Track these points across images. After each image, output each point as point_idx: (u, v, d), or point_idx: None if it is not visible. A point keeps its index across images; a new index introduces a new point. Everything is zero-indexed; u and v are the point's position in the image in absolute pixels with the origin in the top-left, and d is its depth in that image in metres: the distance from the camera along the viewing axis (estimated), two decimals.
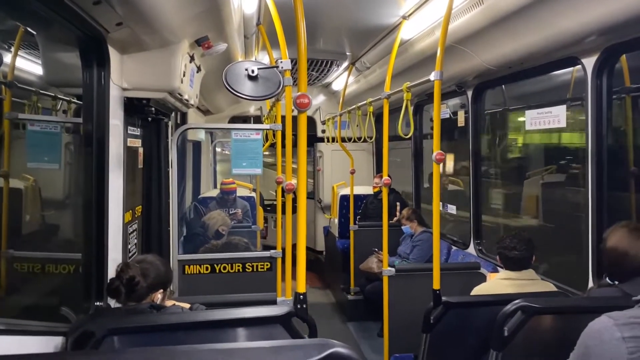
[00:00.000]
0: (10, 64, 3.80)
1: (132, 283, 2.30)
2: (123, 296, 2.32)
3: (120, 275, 2.32)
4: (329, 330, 6.07)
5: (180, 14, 2.69)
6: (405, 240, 5.71)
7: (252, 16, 3.95)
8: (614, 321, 1.66)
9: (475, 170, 4.96)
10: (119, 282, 2.31)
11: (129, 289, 2.31)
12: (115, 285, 2.31)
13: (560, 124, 3.57)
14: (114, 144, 2.85)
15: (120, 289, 2.30)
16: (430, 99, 5.86)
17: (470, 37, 3.73)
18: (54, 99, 4.61)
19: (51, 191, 5.76)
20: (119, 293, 2.32)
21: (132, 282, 2.30)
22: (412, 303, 3.90)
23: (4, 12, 2.76)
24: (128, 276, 2.31)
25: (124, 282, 2.30)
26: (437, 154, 3.15)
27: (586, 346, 1.74)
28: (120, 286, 2.30)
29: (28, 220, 5.24)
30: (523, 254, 3.16)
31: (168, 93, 3.13)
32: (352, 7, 4.27)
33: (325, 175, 9.00)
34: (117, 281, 2.31)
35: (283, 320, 2.06)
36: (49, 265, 3.79)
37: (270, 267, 4.23)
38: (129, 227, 3.28)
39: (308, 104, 2.15)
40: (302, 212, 2.17)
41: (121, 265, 2.39)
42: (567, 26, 2.97)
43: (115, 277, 2.35)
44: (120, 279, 2.31)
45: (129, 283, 2.30)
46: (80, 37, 2.54)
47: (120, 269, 2.36)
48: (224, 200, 6.60)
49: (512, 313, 2.35)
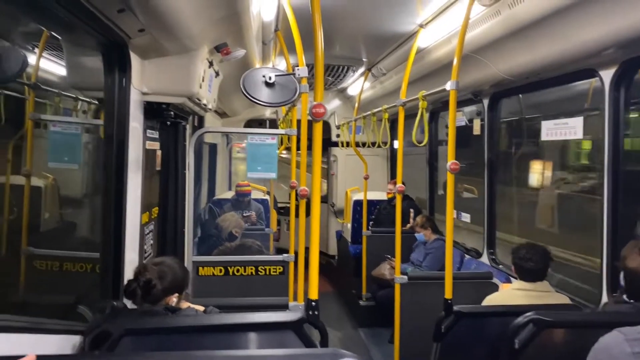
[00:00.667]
0: (35, 66, 3.90)
1: (148, 286, 2.35)
2: (139, 298, 2.37)
3: (138, 278, 2.37)
4: (340, 335, 6.09)
5: (201, 20, 2.74)
6: (418, 247, 5.70)
7: (270, 23, 4.00)
8: (624, 336, 1.66)
9: (490, 179, 4.94)
10: (136, 284, 2.36)
11: (145, 291, 2.35)
12: (133, 287, 2.36)
13: (577, 135, 3.56)
14: (133, 147, 2.91)
15: (137, 291, 2.35)
16: (445, 106, 5.86)
17: (487, 47, 3.73)
18: (75, 100, 4.71)
19: (70, 190, 5.88)
20: (135, 295, 2.37)
21: (148, 285, 2.35)
22: (423, 311, 3.91)
23: (30, 18, 2.84)
24: (145, 279, 2.35)
25: (141, 285, 2.35)
26: (452, 164, 3.16)
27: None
28: (137, 288, 2.35)
29: (47, 218, 5.35)
30: (539, 266, 3.14)
31: (187, 98, 3.18)
32: (369, 14, 4.30)
33: (339, 180, 9.02)
34: (135, 283, 2.36)
35: (295, 326, 2.08)
36: (67, 263, 3.87)
37: (283, 271, 4.26)
38: (146, 228, 3.34)
39: (323, 114, 2.18)
40: (316, 219, 2.20)
41: (139, 267, 2.44)
42: (585, 38, 2.96)
43: (132, 279, 2.39)
44: (138, 281, 2.36)
45: (146, 286, 2.35)
46: (103, 42, 2.60)
47: (138, 271, 2.41)
48: (238, 203, 6.66)
49: (524, 325, 2.35)
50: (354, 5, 4.07)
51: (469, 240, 5.63)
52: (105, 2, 2.12)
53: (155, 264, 2.45)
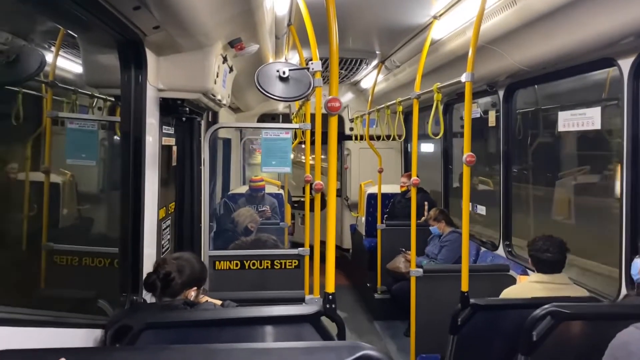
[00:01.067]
0: (52, 64, 3.95)
1: (168, 278, 2.39)
2: (159, 290, 2.41)
3: (158, 270, 2.41)
4: (356, 328, 6.11)
5: (215, 17, 2.75)
6: (433, 240, 5.69)
7: (283, 17, 4.00)
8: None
9: (505, 171, 4.91)
10: (155, 276, 2.40)
11: (164, 284, 2.39)
12: (152, 279, 2.40)
13: (595, 126, 3.51)
14: (150, 143, 2.94)
15: (157, 284, 2.39)
16: (460, 98, 5.81)
17: (503, 38, 3.69)
18: (91, 97, 4.76)
19: (87, 186, 5.95)
20: (155, 287, 2.41)
21: (168, 278, 2.39)
22: (439, 304, 3.91)
23: (47, 17, 2.88)
24: (165, 271, 2.40)
25: (161, 277, 2.39)
26: (468, 156, 3.15)
27: (615, 358, 1.73)
28: (156, 280, 2.39)
29: (65, 214, 5.44)
30: (556, 257, 3.12)
31: (202, 94, 3.20)
32: (383, 6, 4.28)
33: (353, 173, 9.01)
34: (154, 275, 2.40)
35: (312, 320, 2.10)
36: (86, 258, 3.93)
37: (298, 265, 4.28)
38: (163, 223, 3.38)
39: (339, 108, 2.18)
40: (332, 213, 2.21)
41: (159, 261, 2.48)
42: (603, 27, 2.92)
43: (152, 271, 2.43)
44: (157, 274, 2.40)
45: (165, 278, 2.39)
46: (119, 40, 2.62)
47: (157, 264, 2.46)
48: (252, 197, 6.70)
49: (542, 317, 2.34)
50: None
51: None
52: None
53: (174, 258, 2.49)
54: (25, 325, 1.69)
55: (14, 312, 1.68)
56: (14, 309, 1.71)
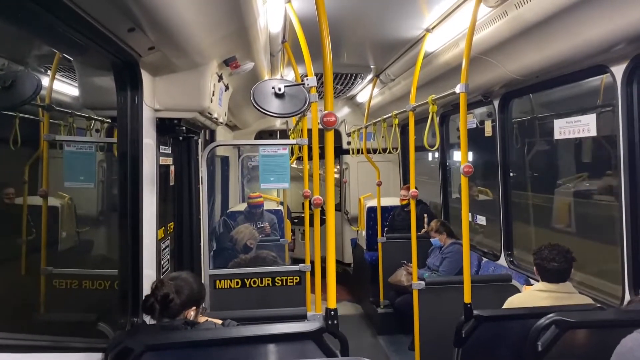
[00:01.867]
0: (48, 88, 3.97)
1: (166, 300, 2.37)
2: (157, 313, 2.39)
3: (155, 293, 2.39)
4: (359, 344, 6.05)
5: (210, 36, 2.77)
6: (434, 252, 5.66)
7: (277, 34, 4.03)
8: None
9: (504, 181, 4.91)
10: (153, 299, 2.38)
11: (163, 305, 2.37)
12: (150, 302, 2.38)
13: (591, 133, 3.52)
14: (147, 163, 2.94)
15: (155, 306, 2.37)
16: (456, 109, 5.84)
17: (495, 48, 3.72)
18: (88, 119, 4.77)
19: (86, 209, 5.93)
20: (153, 310, 2.38)
21: (166, 299, 2.37)
22: (443, 316, 3.87)
23: (43, 40, 2.89)
24: (162, 293, 2.37)
25: (159, 299, 2.37)
26: (465, 167, 3.15)
27: None
28: (154, 303, 2.37)
29: (64, 237, 5.41)
30: (562, 266, 3.09)
31: (198, 113, 3.21)
32: (376, 21, 4.31)
33: (352, 187, 9.01)
34: (152, 298, 2.38)
35: (314, 336, 2.08)
36: (86, 281, 3.90)
37: (300, 281, 4.26)
38: (162, 243, 3.36)
39: (335, 122, 2.19)
40: (332, 227, 2.20)
41: (156, 283, 2.46)
42: (595, 35, 2.94)
43: (150, 294, 2.41)
44: (155, 296, 2.37)
45: (164, 300, 2.37)
46: (114, 62, 2.63)
47: (155, 286, 2.43)
48: (251, 214, 6.68)
49: (546, 327, 2.32)
50: (359, 13, 4.09)
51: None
52: (115, 22, 2.16)
53: (171, 279, 2.47)
54: (26, 351, 1.67)
55: (14, 338, 1.66)
56: (14, 335, 1.68)
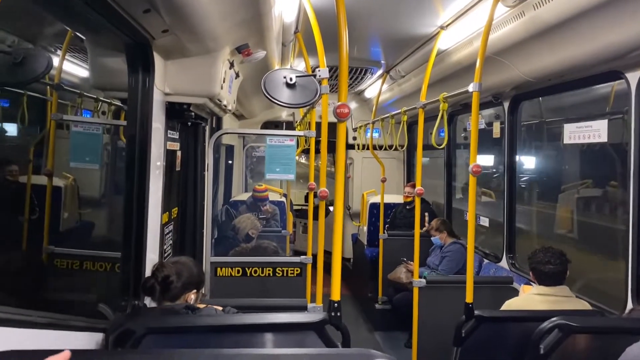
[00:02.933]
0: (58, 67, 3.95)
1: (166, 282, 2.37)
2: (158, 294, 2.40)
3: (156, 274, 2.40)
4: (356, 338, 5.98)
5: (224, 22, 2.75)
6: (435, 251, 5.66)
7: (291, 24, 4.00)
8: None
9: (509, 183, 4.89)
10: (154, 280, 2.39)
11: (163, 287, 2.38)
12: (151, 283, 2.39)
13: (602, 138, 3.49)
14: (155, 147, 2.92)
15: (155, 287, 2.38)
16: (464, 109, 5.81)
17: (509, 49, 3.69)
18: (96, 101, 4.76)
19: (90, 190, 5.93)
20: (153, 291, 2.39)
21: (166, 281, 2.37)
22: (441, 315, 3.87)
23: (57, 19, 2.87)
24: (163, 275, 2.38)
25: (159, 281, 2.38)
26: (474, 166, 3.13)
27: None
28: (155, 284, 2.38)
29: (66, 218, 5.42)
30: (557, 268, 3.09)
31: (208, 99, 3.19)
32: (390, 16, 4.29)
33: (355, 183, 9.00)
34: (152, 279, 2.39)
35: (317, 327, 2.07)
36: (87, 262, 3.91)
37: (300, 273, 4.26)
38: (166, 228, 3.36)
39: (348, 114, 2.17)
40: (339, 221, 2.19)
41: (156, 265, 2.47)
42: (611, 40, 2.91)
43: (150, 275, 2.42)
44: (156, 278, 2.38)
45: (164, 281, 2.38)
46: (127, 43, 2.62)
47: (155, 268, 2.44)
48: (254, 204, 6.68)
49: (549, 331, 2.31)
50: (373, 7, 4.06)
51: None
52: (131, 2, 2.14)
53: (172, 263, 2.49)
54: (27, 326, 1.67)
55: (16, 313, 1.66)
56: (16, 310, 1.68)
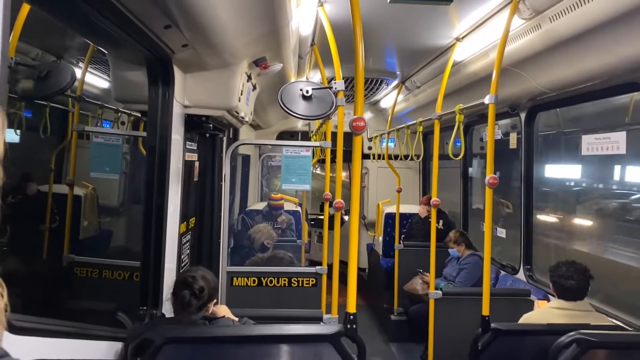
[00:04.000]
0: (80, 79, 4.05)
1: (203, 294, 2.39)
2: (194, 307, 2.39)
3: (192, 287, 2.39)
4: (371, 349, 6.01)
5: (243, 36, 2.80)
6: (452, 263, 5.62)
7: (307, 37, 4.05)
8: None
9: (527, 194, 4.85)
10: (188, 292, 2.38)
11: (198, 300, 2.39)
12: (187, 298, 2.38)
13: (620, 150, 3.46)
14: (174, 158, 2.98)
15: (192, 302, 2.38)
16: (480, 120, 5.79)
17: (526, 61, 3.69)
18: (117, 112, 4.86)
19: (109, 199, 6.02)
20: (190, 305, 2.39)
21: (202, 293, 2.39)
22: (457, 327, 3.85)
23: (81, 34, 2.96)
24: (199, 286, 2.39)
25: (196, 293, 2.38)
26: (490, 178, 3.12)
27: None
28: (192, 299, 2.38)
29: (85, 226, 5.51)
30: (580, 284, 3.05)
31: (226, 111, 3.25)
32: (406, 28, 4.31)
33: (370, 192, 8.99)
34: (187, 291, 2.39)
35: (333, 339, 2.08)
36: (106, 271, 3.98)
37: (316, 283, 4.26)
38: (184, 237, 3.40)
39: (364, 127, 2.20)
40: (355, 232, 2.21)
41: (186, 277, 2.45)
42: (629, 52, 2.90)
43: (183, 289, 2.41)
44: (191, 290, 2.38)
45: (201, 293, 2.39)
46: (148, 57, 2.68)
47: (187, 282, 2.42)
48: (269, 214, 6.72)
49: (567, 345, 2.29)
50: (390, 19, 4.09)
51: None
52: (153, 18, 2.20)
53: (199, 275, 2.48)
54: (49, 335, 1.71)
55: (38, 322, 1.70)
56: (38, 319, 1.72)
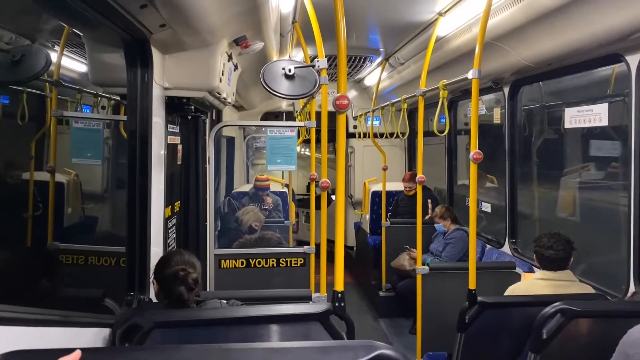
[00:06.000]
0: (56, 63, 3.94)
1: (197, 284, 2.29)
2: (190, 301, 2.28)
3: (186, 280, 2.25)
4: (361, 326, 6.07)
5: (221, 14, 2.74)
6: (438, 238, 5.67)
7: (288, 14, 3.98)
8: None
9: (511, 168, 4.89)
10: (184, 287, 2.25)
11: (195, 293, 2.29)
12: (186, 296, 2.25)
13: (602, 122, 3.49)
14: (156, 142, 2.93)
15: (190, 297, 2.27)
16: (464, 95, 5.79)
17: (509, 34, 3.67)
18: (96, 96, 4.75)
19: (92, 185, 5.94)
20: (188, 300, 2.27)
21: (197, 283, 2.29)
22: (445, 301, 3.90)
23: (54, 16, 2.87)
24: (192, 279, 2.27)
25: (193, 288, 2.27)
26: (475, 153, 3.13)
27: (626, 355, 1.72)
28: (190, 295, 2.26)
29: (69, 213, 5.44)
30: (560, 254, 3.10)
31: (207, 92, 3.20)
32: (387, 3, 4.26)
33: (357, 171, 9.00)
34: (182, 287, 2.25)
35: (321, 318, 2.09)
36: (92, 257, 3.94)
37: (304, 263, 4.28)
38: (169, 221, 3.38)
39: (347, 105, 2.17)
40: (341, 211, 2.20)
41: (178, 269, 2.28)
42: (611, 23, 2.90)
43: (178, 284, 2.26)
44: (186, 284, 2.25)
45: (196, 285, 2.28)
46: (125, 38, 2.61)
47: (180, 277, 2.27)
48: (256, 195, 6.69)
49: (551, 315, 2.33)
50: None
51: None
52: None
53: (187, 262, 2.35)
54: (34, 324, 1.68)
55: (22, 311, 1.67)
56: (23, 309, 1.69)
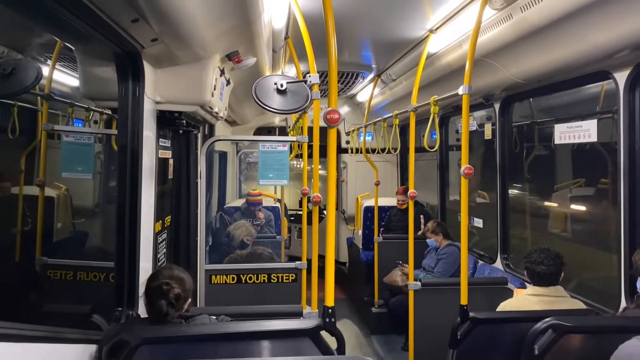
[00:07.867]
0: (48, 77, 3.94)
1: (179, 301, 2.29)
2: (172, 315, 2.27)
3: (167, 295, 2.26)
4: (353, 343, 6.05)
5: (213, 29, 2.75)
6: (430, 253, 5.66)
7: (280, 30, 4.01)
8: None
9: (502, 184, 4.91)
10: (165, 301, 2.25)
11: (177, 308, 2.29)
12: (165, 310, 2.25)
13: (591, 138, 3.52)
14: (147, 156, 2.92)
15: (170, 312, 2.26)
16: (456, 111, 5.83)
17: (498, 51, 3.71)
18: (87, 110, 4.74)
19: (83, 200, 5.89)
20: (167, 315, 2.26)
21: (179, 300, 2.28)
22: (437, 317, 3.87)
23: (46, 30, 2.87)
24: (174, 294, 2.27)
25: (173, 303, 2.27)
26: (466, 168, 3.14)
27: None
28: (169, 309, 2.26)
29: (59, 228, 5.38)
30: (550, 270, 3.10)
31: (199, 106, 3.20)
32: (379, 20, 4.30)
33: (349, 187, 9.01)
34: (163, 301, 2.25)
35: (312, 334, 2.07)
36: (81, 272, 3.89)
37: (295, 279, 4.25)
38: (159, 236, 3.35)
39: (338, 119, 2.18)
40: (332, 226, 2.19)
41: (160, 284, 2.30)
42: (599, 40, 2.94)
43: (159, 299, 2.27)
44: (167, 299, 2.26)
45: (177, 301, 2.28)
46: (117, 52, 2.61)
47: (160, 288, 2.28)
48: (248, 210, 6.67)
49: (543, 331, 2.32)
50: (363, 12, 4.08)
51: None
52: (119, 12, 2.14)
53: (172, 277, 2.35)
54: (20, 340, 1.65)
55: (8, 327, 1.64)
56: (9, 324, 1.66)
